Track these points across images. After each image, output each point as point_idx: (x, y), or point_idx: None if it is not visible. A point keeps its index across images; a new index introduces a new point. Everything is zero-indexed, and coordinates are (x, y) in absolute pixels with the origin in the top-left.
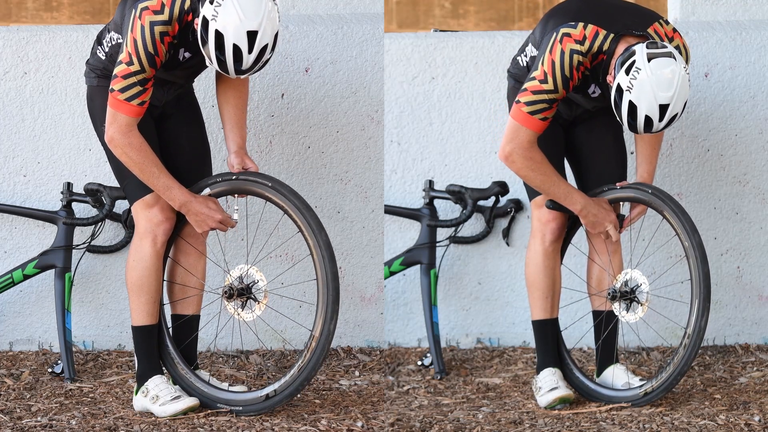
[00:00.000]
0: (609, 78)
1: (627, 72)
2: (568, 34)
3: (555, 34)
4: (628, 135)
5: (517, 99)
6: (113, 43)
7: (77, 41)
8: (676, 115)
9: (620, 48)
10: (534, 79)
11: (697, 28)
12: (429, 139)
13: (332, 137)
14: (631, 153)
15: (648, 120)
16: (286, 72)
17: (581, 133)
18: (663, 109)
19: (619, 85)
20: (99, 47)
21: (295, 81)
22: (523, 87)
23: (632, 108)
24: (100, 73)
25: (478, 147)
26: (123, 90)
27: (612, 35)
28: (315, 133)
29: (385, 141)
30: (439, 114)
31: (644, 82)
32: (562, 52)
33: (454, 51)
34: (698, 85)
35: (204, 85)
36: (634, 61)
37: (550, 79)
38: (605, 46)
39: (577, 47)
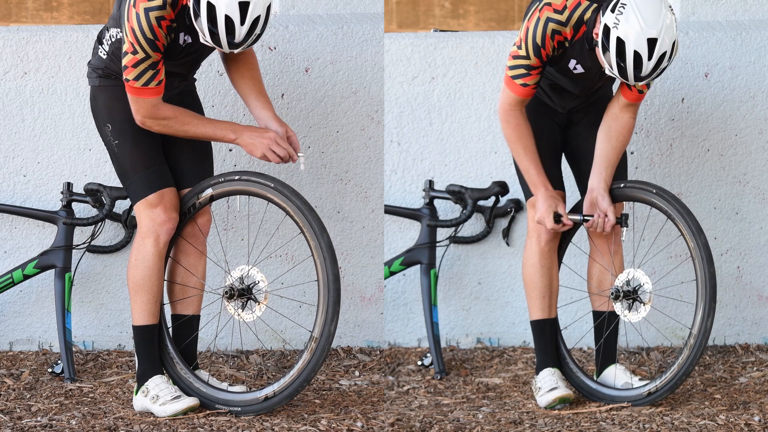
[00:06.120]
0: (595, 32)
1: (612, 10)
2: (549, 3)
3: (538, 2)
4: None
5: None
6: (113, 39)
7: (77, 41)
8: (665, 54)
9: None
10: (514, 44)
11: (697, 28)
12: (429, 139)
13: (332, 137)
14: (632, 153)
15: (637, 58)
16: (286, 72)
17: (580, 133)
18: (651, 44)
19: (606, 26)
20: (100, 47)
21: (295, 81)
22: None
23: (620, 45)
24: (101, 73)
25: (478, 147)
26: (137, 77)
27: (594, 5)
28: (315, 133)
29: (385, 141)
30: (439, 114)
31: (630, 14)
32: (538, 20)
33: (454, 51)
34: (698, 85)
35: (204, 85)
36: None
37: (523, 45)
38: (587, 16)
39: (555, 16)
